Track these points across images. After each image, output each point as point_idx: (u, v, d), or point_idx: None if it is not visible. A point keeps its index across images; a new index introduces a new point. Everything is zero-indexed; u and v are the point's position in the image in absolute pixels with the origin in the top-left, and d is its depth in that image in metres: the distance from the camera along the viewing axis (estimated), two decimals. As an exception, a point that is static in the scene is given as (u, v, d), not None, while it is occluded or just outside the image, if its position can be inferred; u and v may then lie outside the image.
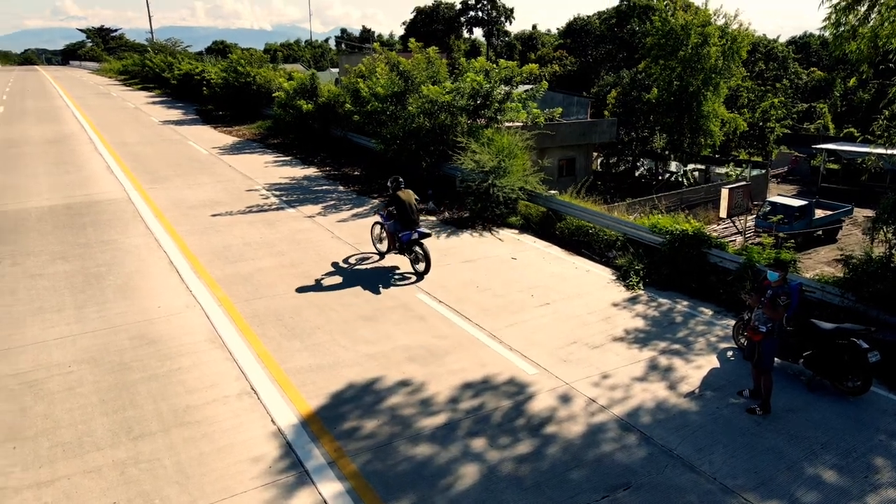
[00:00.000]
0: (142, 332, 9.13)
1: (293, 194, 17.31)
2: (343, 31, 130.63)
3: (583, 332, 9.51)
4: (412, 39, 20.74)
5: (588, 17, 69.53)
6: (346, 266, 11.99)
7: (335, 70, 55.91)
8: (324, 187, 18.33)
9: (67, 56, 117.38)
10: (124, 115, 33.73)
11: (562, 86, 56.01)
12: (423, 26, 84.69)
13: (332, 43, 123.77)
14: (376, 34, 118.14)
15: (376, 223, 12.66)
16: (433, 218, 15.39)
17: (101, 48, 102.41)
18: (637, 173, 39.28)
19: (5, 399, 7.42)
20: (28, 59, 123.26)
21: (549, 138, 20.65)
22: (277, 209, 15.77)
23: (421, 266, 11.52)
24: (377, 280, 11.30)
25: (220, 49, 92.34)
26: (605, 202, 18.48)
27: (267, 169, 20.60)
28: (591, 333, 9.50)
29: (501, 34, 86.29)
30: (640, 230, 12.64)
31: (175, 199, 16.47)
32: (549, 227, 14.45)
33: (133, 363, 8.26)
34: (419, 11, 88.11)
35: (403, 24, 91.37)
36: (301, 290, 10.78)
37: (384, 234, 12.40)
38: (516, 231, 14.55)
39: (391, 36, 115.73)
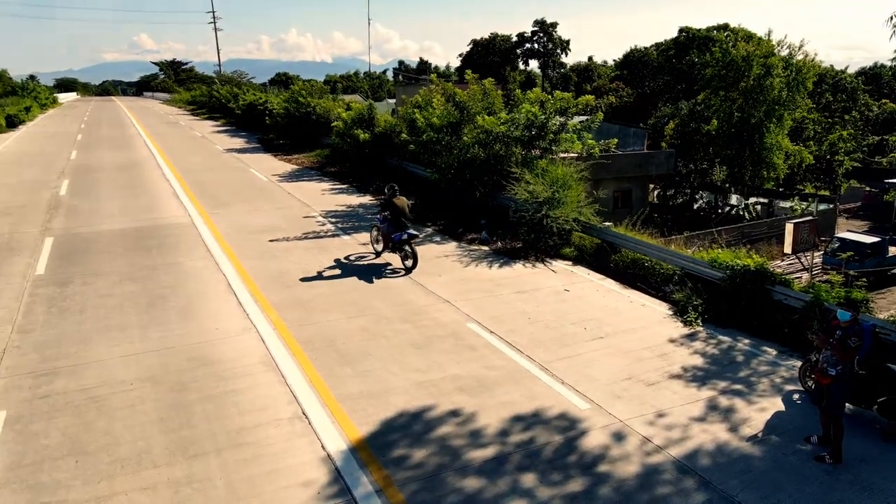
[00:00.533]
0: (200, 353, 9.38)
1: (348, 221, 17.62)
2: (401, 63, 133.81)
3: (638, 368, 9.24)
4: (468, 71, 21.02)
5: (645, 48, 69.11)
6: (399, 295, 12.06)
7: (392, 101, 57.13)
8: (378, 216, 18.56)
9: (141, 87, 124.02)
10: (191, 144, 35.26)
11: (618, 117, 55.59)
12: (480, 58, 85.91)
13: (389, 74, 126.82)
14: (433, 66, 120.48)
15: (374, 227, 14.41)
16: (486, 248, 15.38)
17: (172, 80, 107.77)
18: (695, 206, 38.37)
19: (71, 414, 7.71)
20: (105, 90, 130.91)
21: (605, 169, 20.47)
22: (333, 236, 16.07)
23: (409, 262, 13.25)
24: (429, 309, 11.31)
25: (282, 80, 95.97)
26: (661, 235, 18.07)
27: (324, 196, 21.09)
28: (647, 370, 9.22)
29: (557, 66, 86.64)
30: (698, 264, 12.29)
31: (236, 224, 17.01)
32: (603, 260, 14.22)
33: (191, 383, 8.48)
34: (476, 44, 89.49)
35: (460, 56, 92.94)
36: (354, 315, 10.89)
37: (380, 237, 14.06)
38: (570, 262, 14.36)
39: (447, 68, 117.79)
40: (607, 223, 15.18)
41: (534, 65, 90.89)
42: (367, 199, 20.83)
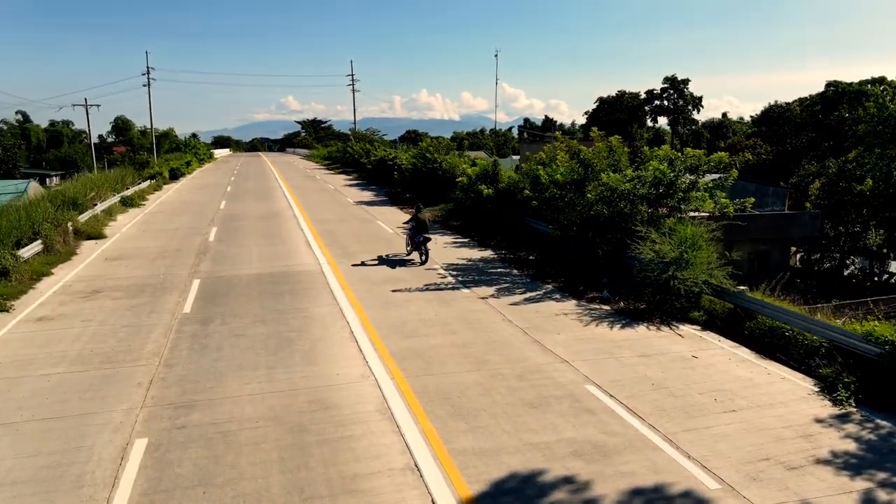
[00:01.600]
0: (321, 396, 9.70)
1: (469, 275, 17.79)
2: (526, 120, 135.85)
3: (776, 449, 8.37)
4: (594, 128, 20.91)
5: (787, 104, 65.47)
6: (516, 351, 11.89)
7: (516, 157, 57.90)
8: (499, 270, 18.63)
9: (284, 144, 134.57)
10: (325, 196, 37.55)
11: (755, 175, 52.59)
12: (606, 115, 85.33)
13: (515, 132, 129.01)
14: (558, 123, 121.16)
15: (407, 234, 20.38)
16: (607, 307, 14.85)
17: (311, 137, 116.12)
18: (846, 272, 34.98)
19: (204, 446, 8.20)
20: (254, 146, 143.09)
21: (740, 230, 19.28)
22: (453, 289, 16.26)
23: (423, 258, 19.03)
24: (546, 368, 11.02)
25: (411, 137, 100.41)
26: (805, 303, 16.54)
27: (445, 249, 21.50)
28: (788, 451, 8.32)
29: (688, 122, 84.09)
30: (850, 337, 11.08)
31: (361, 273, 17.72)
32: (736, 326, 13.24)
33: (310, 426, 8.75)
34: (602, 101, 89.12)
35: (586, 113, 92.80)
36: (470, 370, 10.84)
37: (409, 241, 19.95)
38: (698, 327, 13.50)
39: (573, 125, 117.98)
40: (742, 287, 14.17)
41: (663, 122, 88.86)
42: (487, 254, 20.97)
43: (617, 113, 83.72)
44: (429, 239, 19.23)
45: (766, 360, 11.68)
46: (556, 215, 19.16)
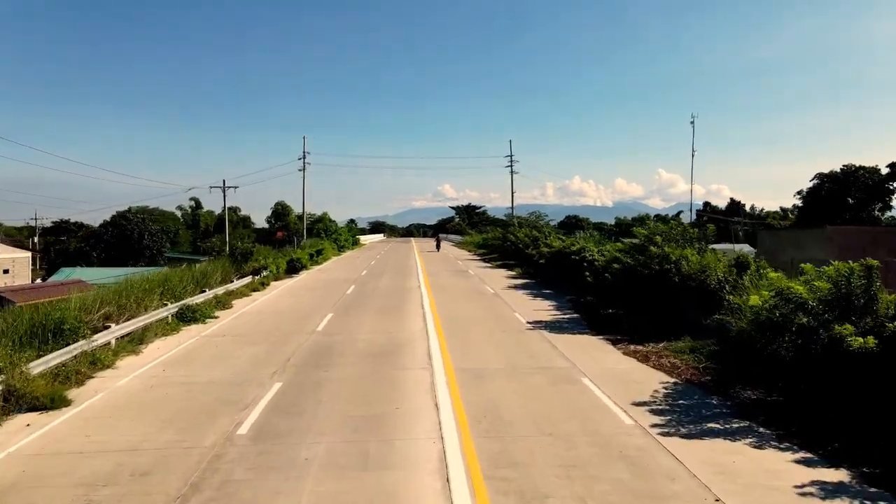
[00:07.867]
0: None
1: None
2: (706, 204, 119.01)
3: None
4: None
5: None
6: None
7: (739, 247, 42.25)
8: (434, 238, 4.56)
9: (437, 229, 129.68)
10: (481, 309, 25.05)
11: None
12: (829, 195, 67.19)
13: (684, 216, 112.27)
14: (746, 207, 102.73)
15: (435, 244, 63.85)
16: None
17: (465, 223, 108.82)
18: None
19: None
20: (409, 231, 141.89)
21: None
22: None
23: (438, 250, 61.97)
24: None
25: (571, 223, 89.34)
26: None
27: (757, 476, 7.79)
28: None
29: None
30: None
31: None
32: None
33: None
34: (823, 178, 70.80)
35: (798, 193, 74.76)
36: None
37: (436, 246, 63.97)
38: None
39: (751, 209, 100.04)
40: None
41: (914, 202, 67.91)
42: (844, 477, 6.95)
43: (855, 191, 65.02)
44: (440, 245, 62.15)
45: None
46: None
